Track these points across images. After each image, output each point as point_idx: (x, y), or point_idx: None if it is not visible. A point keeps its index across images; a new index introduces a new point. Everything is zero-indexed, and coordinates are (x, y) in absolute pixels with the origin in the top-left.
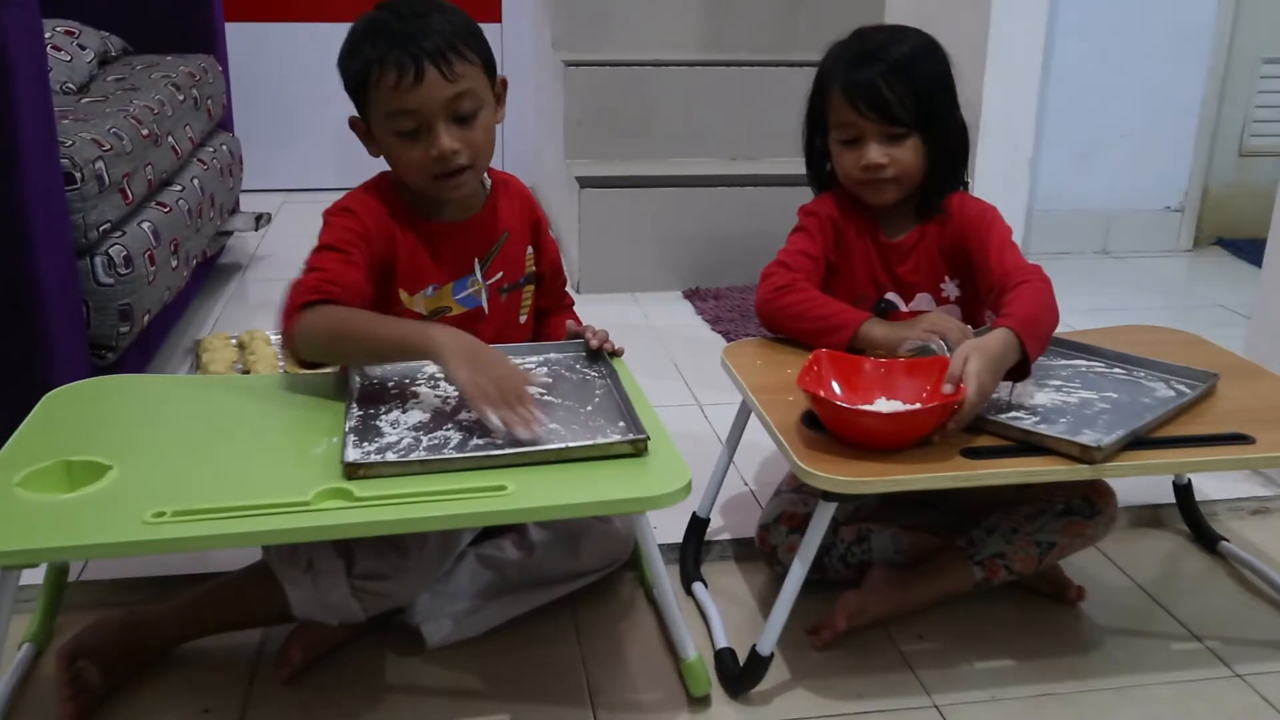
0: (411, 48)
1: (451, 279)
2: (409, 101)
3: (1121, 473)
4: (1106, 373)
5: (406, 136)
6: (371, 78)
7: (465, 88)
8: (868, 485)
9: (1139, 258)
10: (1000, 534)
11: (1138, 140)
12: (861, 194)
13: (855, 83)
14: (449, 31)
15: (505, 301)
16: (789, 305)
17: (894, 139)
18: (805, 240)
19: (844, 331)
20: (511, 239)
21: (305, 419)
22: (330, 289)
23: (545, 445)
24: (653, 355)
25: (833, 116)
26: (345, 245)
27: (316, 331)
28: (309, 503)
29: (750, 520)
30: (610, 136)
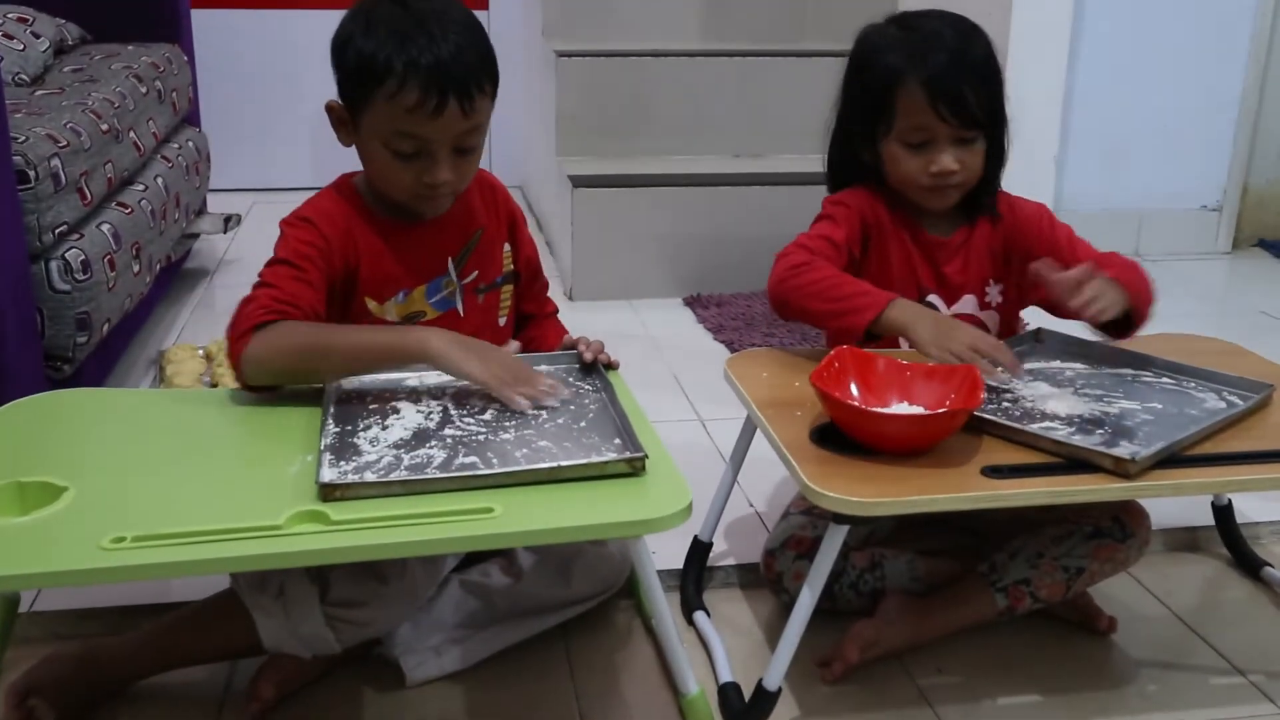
0: (440, 75)
1: (424, 281)
2: (421, 128)
3: (1157, 492)
4: (1154, 382)
5: (402, 157)
6: (385, 86)
7: (478, 123)
8: (882, 507)
9: (1174, 260)
10: (1025, 558)
11: (1172, 135)
12: (922, 198)
13: (940, 84)
14: (476, 62)
15: (483, 302)
16: (806, 284)
17: (964, 143)
18: (829, 227)
19: (866, 311)
20: (486, 235)
21: (278, 436)
22: (284, 309)
23: (535, 464)
24: (651, 367)
25: (903, 116)
26: (301, 260)
27: (277, 351)
28: (281, 526)
29: (756, 544)
30: (605, 132)
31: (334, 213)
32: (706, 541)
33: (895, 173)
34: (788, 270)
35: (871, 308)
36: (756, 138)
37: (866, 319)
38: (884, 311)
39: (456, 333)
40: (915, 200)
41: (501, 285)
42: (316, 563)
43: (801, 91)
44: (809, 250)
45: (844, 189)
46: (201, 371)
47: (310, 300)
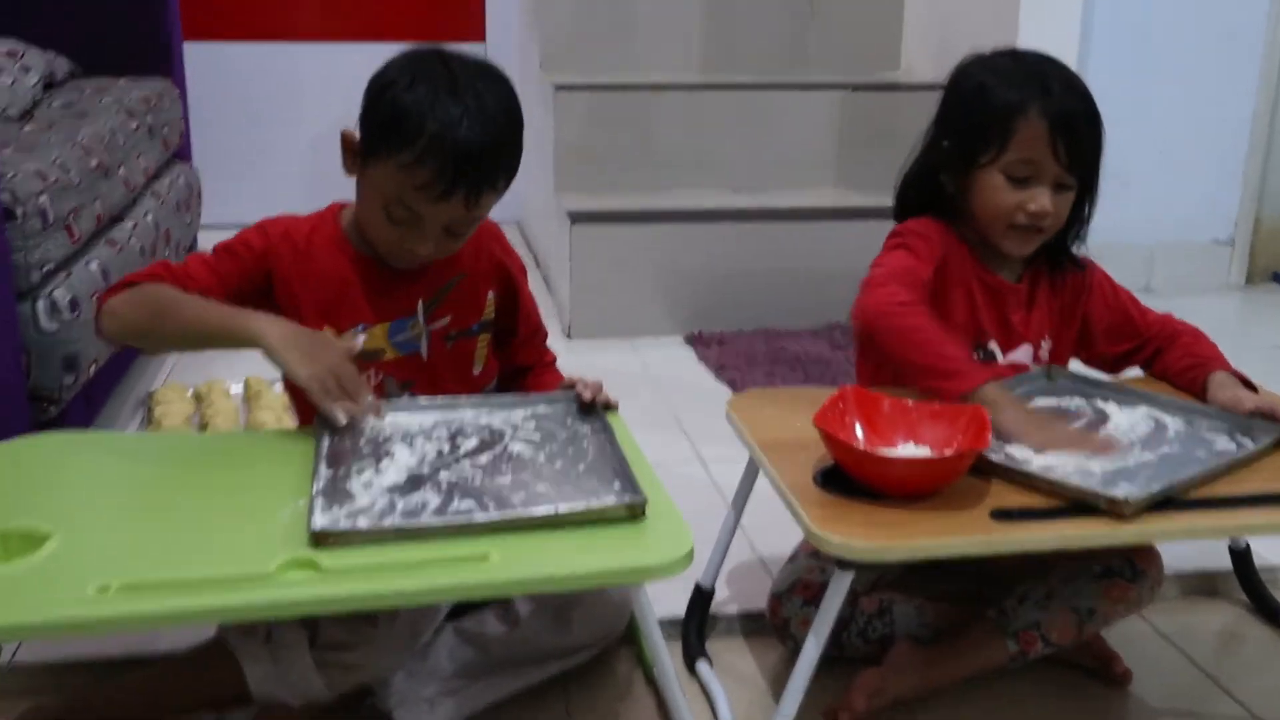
0: (457, 164)
1: (388, 319)
2: (421, 207)
3: (1166, 536)
4: (1166, 421)
5: (392, 218)
6: (402, 154)
7: (477, 215)
8: (889, 552)
9: (1185, 296)
10: (1035, 601)
11: (1181, 164)
12: (1003, 237)
13: (1064, 121)
14: (496, 158)
15: (452, 349)
16: (912, 329)
17: (1063, 188)
18: (913, 260)
19: (962, 381)
20: (468, 281)
21: (268, 480)
22: (166, 276)
23: (532, 510)
24: (651, 407)
25: (1017, 147)
26: (225, 254)
27: (135, 308)
28: (272, 575)
29: (760, 591)
30: (604, 167)
31: (300, 230)
32: (709, 588)
33: (986, 204)
34: (892, 305)
35: (969, 379)
36: (758, 172)
37: (961, 389)
38: (979, 387)
39: (299, 327)
40: (993, 239)
41: (478, 334)
42: (309, 613)
43: (804, 125)
44: (904, 286)
45: (911, 218)
46: (191, 413)
47: (205, 283)
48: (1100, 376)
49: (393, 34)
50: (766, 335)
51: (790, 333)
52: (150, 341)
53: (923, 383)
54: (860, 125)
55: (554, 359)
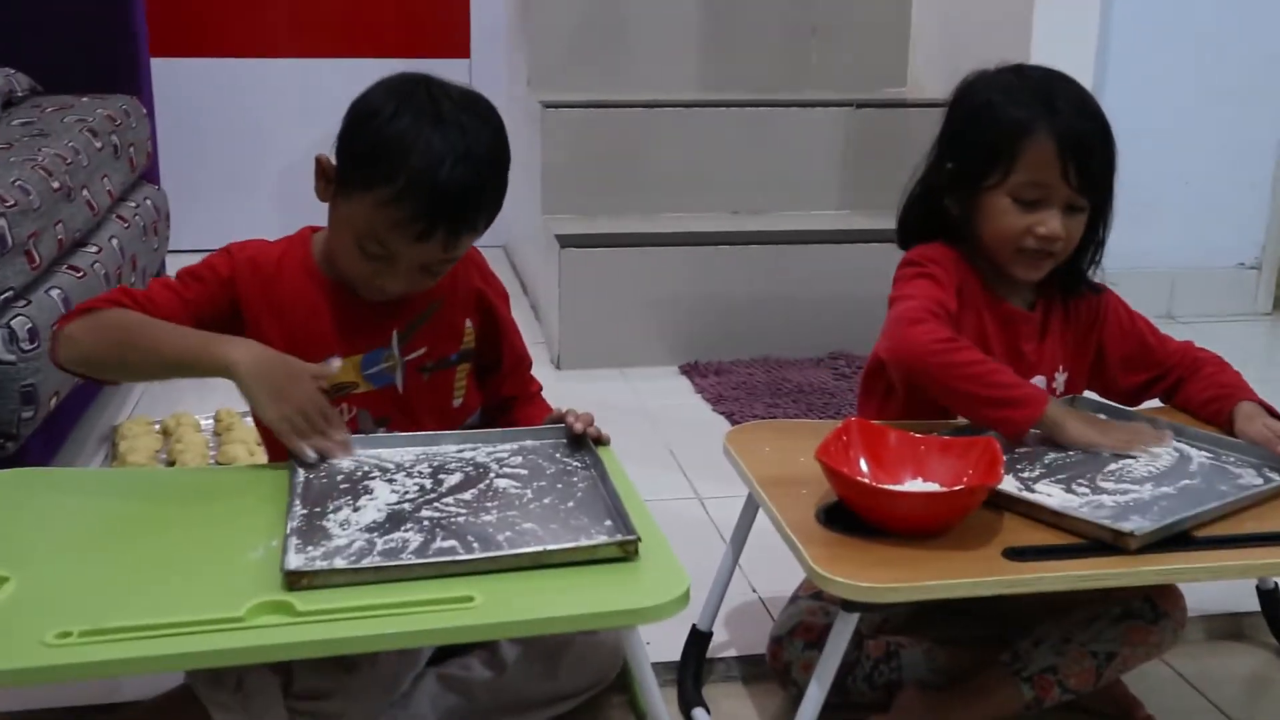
0: (438, 204)
1: (361, 351)
2: (397, 245)
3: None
4: (1191, 455)
5: (366, 255)
6: (380, 191)
7: (455, 255)
8: (896, 593)
9: (1208, 323)
10: (1050, 645)
11: (1205, 186)
12: (1012, 262)
13: (1073, 142)
14: (478, 200)
15: (428, 382)
16: (963, 365)
17: (1074, 211)
18: (936, 289)
19: (1031, 408)
20: (445, 309)
21: (239, 519)
22: (127, 302)
23: (519, 549)
24: (645, 441)
25: (1025, 169)
26: (189, 278)
27: (96, 336)
28: (243, 618)
29: (760, 634)
30: (595, 188)
31: (269, 255)
32: (706, 631)
33: (993, 229)
34: (938, 343)
35: (1037, 404)
36: (757, 193)
37: (1033, 416)
38: (1047, 409)
39: (271, 352)
40: (1002, 264)
41: (457, 364)
42: (282, 658)
43: (805, 144)
44: (939, 320)
45: (914, 242)
46: (158, 448)
47: (169, 308)
48: (1122, 407)
49: (372, 50)
50: (766, 365)
51: (791, 362)
52: (112, 371)
53: (989, 415)
54: (865, 144)
55: (539, 389)
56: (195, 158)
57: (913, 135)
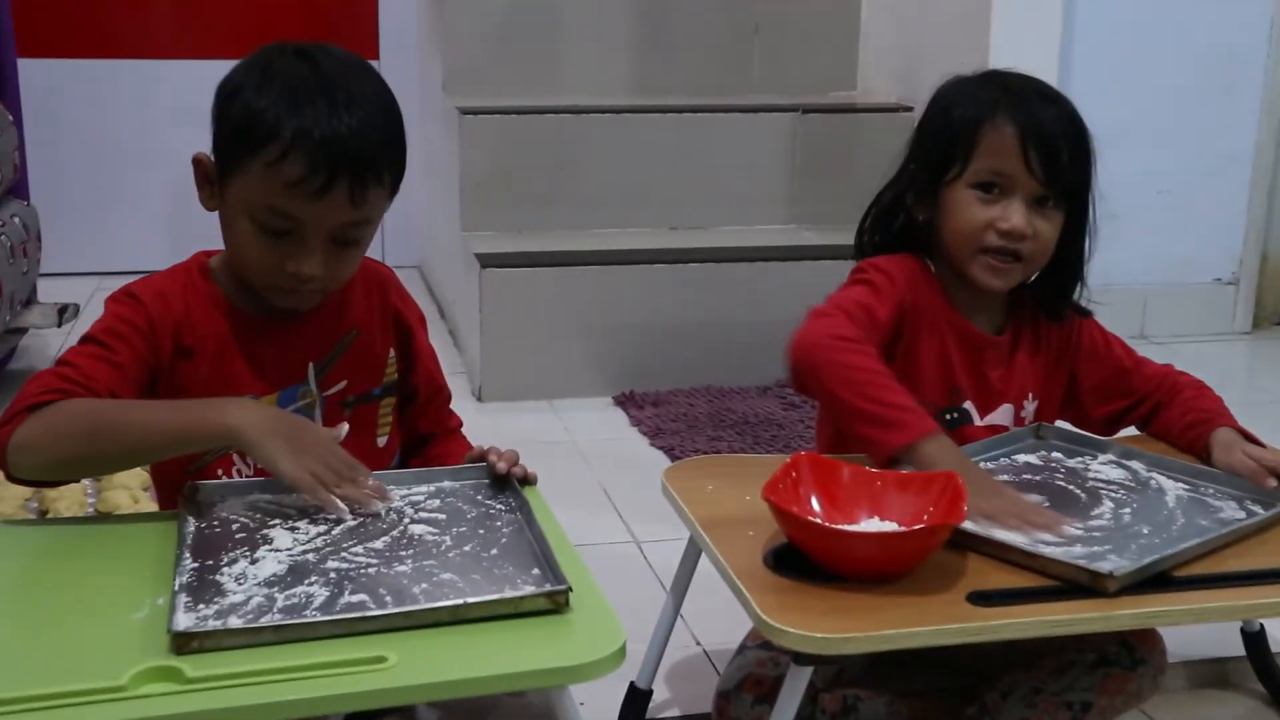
0: (334, 151)
1: (276, 388)
2: (299, 208)
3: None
4: (1168, 487)
5: (268, 235)
6: (266, 150)
7: (367, 217)
8: (851, 644)
9: (1184, 343)
10: (1020, 697)
11: (1178, 198)
12: (972, 263)
13: (1036, 124)
14: (380, 146)
15: (351, 418)
16: (849, 368)
17: (1042, 210)
18: (871, 296)
19: (900, 433)
20: (363, 339)
21: (121, 575)
22: (71, 389)
23: (437, 602)
24: (576, 479)
25: (984, 155)
26: (109, 339)
27: (58, 438)
28: (125, 687)
29: (705, 690)
30: (518, 202)
31: (171, 293)
32: (645, 689)
33: (954, 224)
34: (832, 339)
35: (910, 431)
36: (697, 207)
37: (898, 442)
38: (920, 441)
39: (274, 409)
40: (965, 268)
41: (380, 398)
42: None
43: (748, 153)
44: (852, 319)
45: (878, 254)
46: (29, 496)
47: (109, 381)
48: (1095, 437)
49: None
50: (709, 395)
51: (736, 391)
52: (85, 468)
53: (857, 429)
54: (814, 152)
55: (459, 424)
56: (69, 170)
57: (864, 142)
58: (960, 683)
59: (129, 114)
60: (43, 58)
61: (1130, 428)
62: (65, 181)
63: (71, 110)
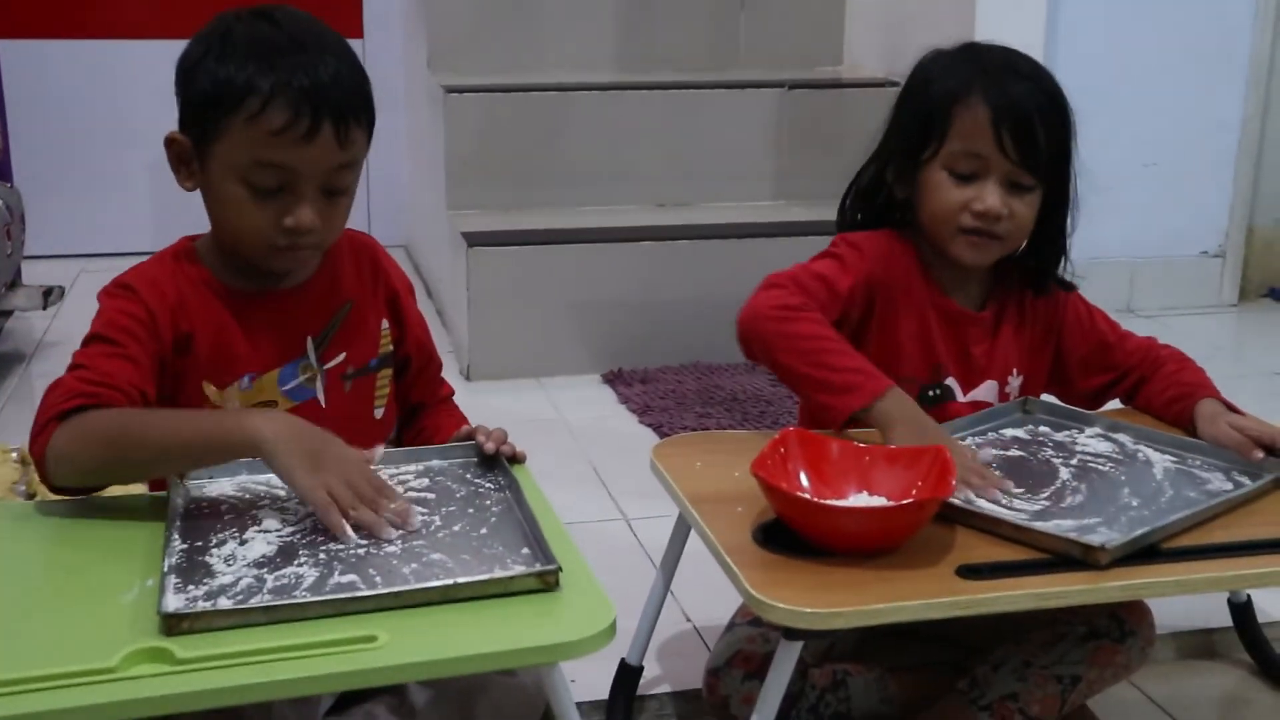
0: (316, 95)
1: (276, 365)
2: (289, 157)
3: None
4: (1155, 460)
5: (260, 194)
6: (246, 106)
7: (353, 158)
8: (841, 618)
9: (1171, 315)
10: (1010, 669)
11: (1165, 171)
12: (952, 245)
13: (1008, 109)
14: (352, 87)
15: (350, 391)
16: (793, 335)
17: (1019, 188)
18: (834, 268)
19: (855, 396)
20: (356, 311)
21: (110, 557)
22: (96, 391)
23: (426, 583)
24: (565, 458)
25: (957, 136)
26: (117, 334)
27: (86, 445)
28: (116, 669)
29: (695, 666)
30: (504, 180)
31: (163, 279)
32: (636, 665)
33: (930, 205)
34: (776, 309)
35: (863, 392)
36: (683, 184)
37: (854, 405)
38: (876, 401)
39: (302, 421)
40: (944, 247)
41: (377, 370)
42: (161, 712)
43: (736, 129)
44: (803, 290)
45: (860, 230)
46: (15, 480)
47: (130, 378)
48: (1082, 410)
49: None
50: (697, 372)
51: (724, 368)
52: (112, 476)
53: (812, 397)
54: (800, 129)
55: (451, 394)
56: (53, 152)
57: (851, 118)
58: (950, 656)
59: (113, 95)
60: (25, 38)
61: (1115, 402)
62: (49, 163)
63: (55, 91)
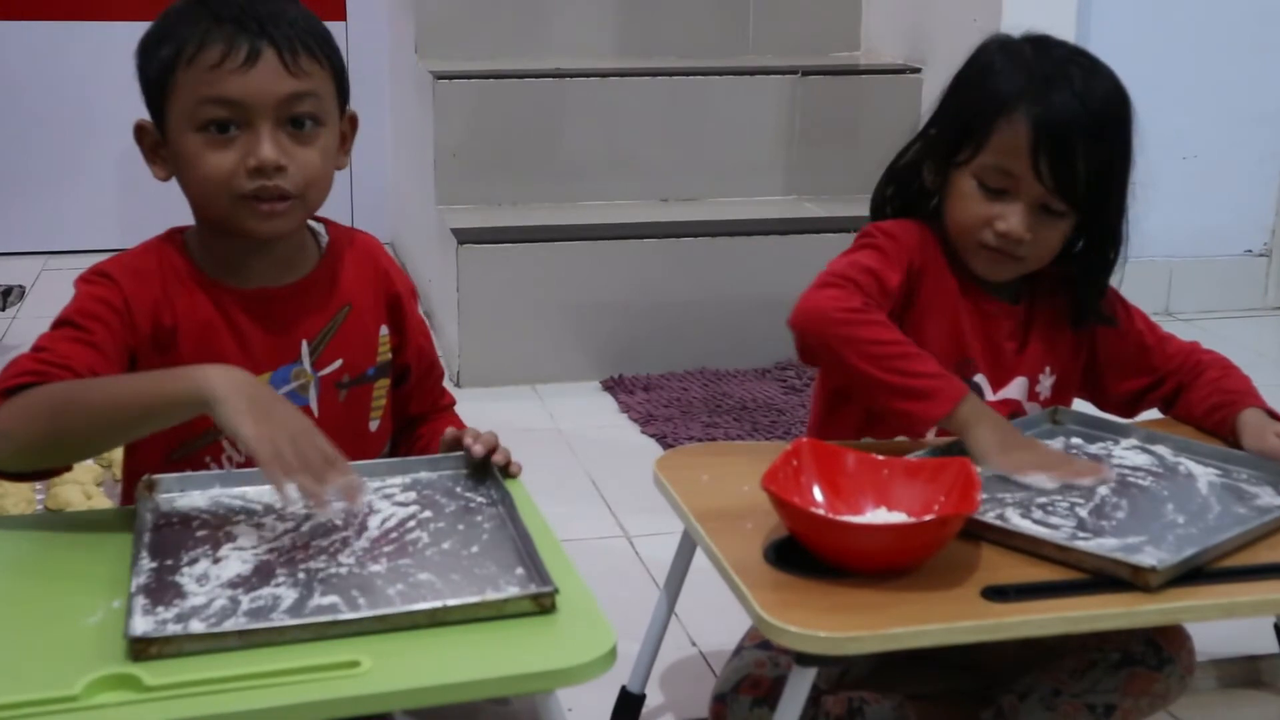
0: (249, 23)
1: (266, 368)
2: (231, 87)
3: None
4: (1198, 473)
5: (216, 136)
6: (183, 57)
7: (308, 88)
8: (857, 643)
9: (1211, 319)
10: (1039, 699)
11: (1206, 164)
12: (971, 254)
13: (1052, 125)
14: (299, 20)
15: (345, 401)
16: (867, 340)
17: (1049, 213)
18: (879, 261)
19: (938, 404)
20: (355, 315)
21: (74, 576)
22: (48, 370)
23: (414, 605)
24: (562, 470)
25: (993, 150)
26: (85, 320)
27: (27, 421)
28: (78, 697)
29: (701, 694)
30: (497, 174)
31: (147, 270)
32: (638, 693)
33: (955, 213)
34: (843, 312)
35: (944, 398)
36: (689, 178)
37: (939, 413)
38: (958, 406)
39: (252, 378)
40: (963, 255)
41: (374, 379)
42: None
43: (745, 118)
44: (860, 288)
45: (889, 219)
46: None
47: (90, 364)
48: (1116, 420)
49: None
50: (703, 378)
51: (732, 374)
52: (57, 452)
53: (893, 404)
54: (814, 118)
55: (452, 403)
56: (12, 142)
57: (868, 106)
58: (974, 684)
59: (77, 81)
60: None
61: (1152, 411)
62: (8, 154)
63: (14, 77)
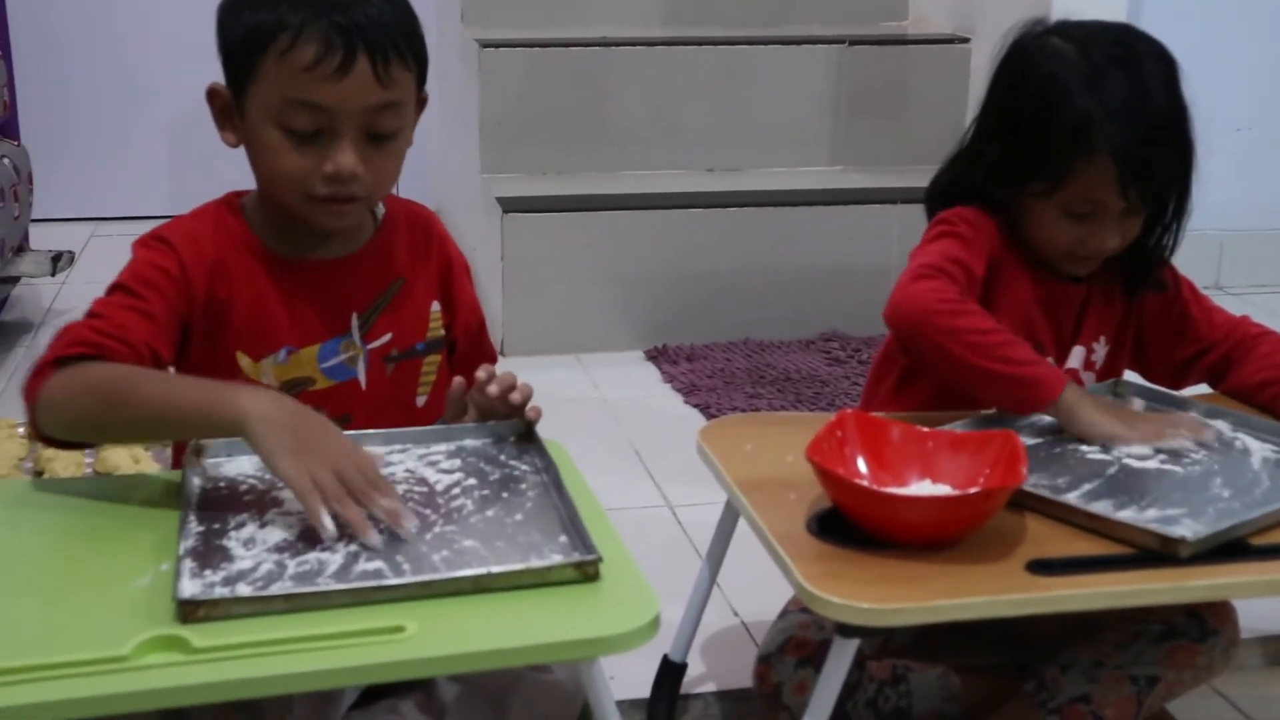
0: (348, 27)
1: (317, 340)
2: (322, 93)
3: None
4: (1254, 449)
5: (297, 138)
6: (278, 43)
7: (395, 98)
8: (900, 615)
9: (1263, 293)
10: (1081, 670)
11: (1258, 135)
12: (1058, 262)
13: (1135, 158)
14: (395, 24)
15: (393, 375)
16: (969, 330)
17: (1131, 214)
18: (964, 250)
19: (1046, 390)
20: (407, 289)
21: (123, 539)
22: (103, 342)
23: (458, 571)
24: (606, 440)
25: (1077, 185)
26: (141, 287)
27: (73, 395)
28: (128, 658)
29: (742, 663)
30: (543, 142)
31: (203, 235)
32: (679, 662)
33: (1037, 235)
34: (942, 302)
35: (1049, 385)
36: (735, 148)
37: (1049, 398)
38: (1064, 391)
39: (294, 402)
40: (1047, 259)
41: (424, 354)
42: (176, 704)
43: (790, 89)
44: (951, 279)
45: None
46: (23, 456)
47: (143, 333)
48: (1176, 394)
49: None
50: (747, 349)
51: (776, 345)
52: (98, 434)
53: (993, 393)
54: (860, 89)
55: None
56: (62, 108)
57: (916, 77)
58: (1017, 656)
59: (128, 46)
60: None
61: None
62: (59, 120)
63: (65, 43)
